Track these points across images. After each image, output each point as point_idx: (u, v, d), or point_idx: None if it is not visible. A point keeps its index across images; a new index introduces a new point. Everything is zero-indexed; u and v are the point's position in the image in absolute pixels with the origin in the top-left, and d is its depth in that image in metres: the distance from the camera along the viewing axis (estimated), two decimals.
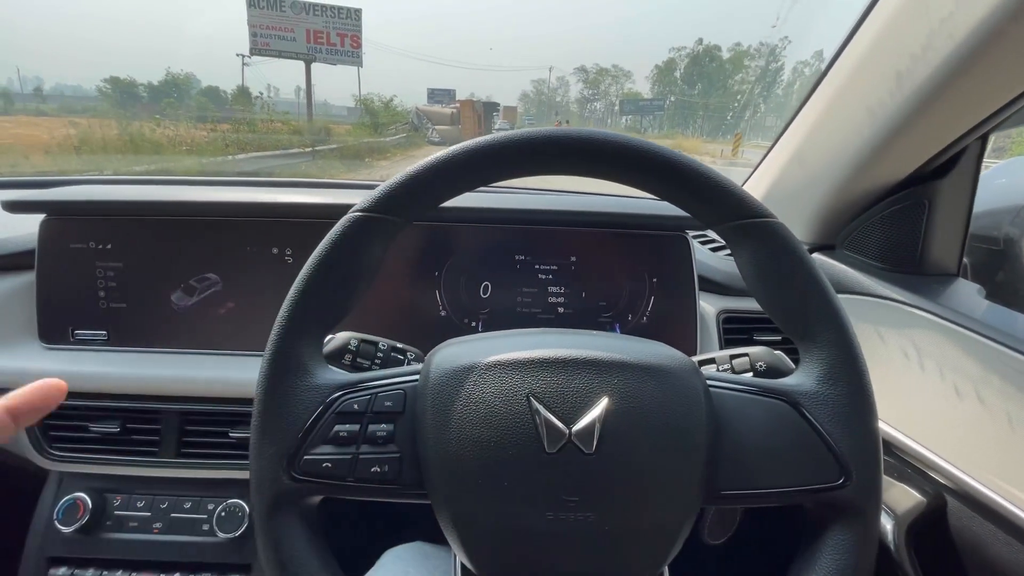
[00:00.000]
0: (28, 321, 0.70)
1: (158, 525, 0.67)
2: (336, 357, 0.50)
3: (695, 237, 0.72)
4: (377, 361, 0.51)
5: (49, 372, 0.67)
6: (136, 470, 0.67)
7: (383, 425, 0.40)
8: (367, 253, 0.42)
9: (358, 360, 0.50)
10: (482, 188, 0.45)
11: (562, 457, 0.35)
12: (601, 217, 0.67)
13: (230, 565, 0.66)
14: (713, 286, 0.74)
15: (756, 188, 0.81)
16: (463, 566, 0.45)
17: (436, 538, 0.66)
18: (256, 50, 16.32)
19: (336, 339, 0.49)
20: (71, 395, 0.67)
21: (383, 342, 0.51)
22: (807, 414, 0.38)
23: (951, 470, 0.55)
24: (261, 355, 0.70)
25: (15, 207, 0.67)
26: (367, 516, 0.88)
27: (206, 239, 0.69)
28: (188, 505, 0.67)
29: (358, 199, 0.70)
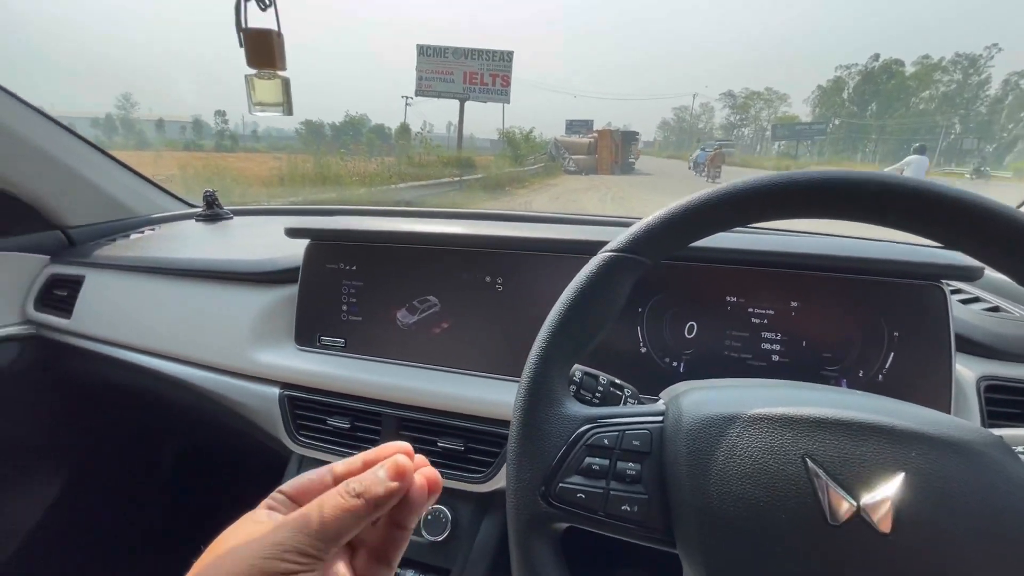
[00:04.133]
0: (288, 326, 0.86)
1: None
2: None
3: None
4: (598, 394, 0.51)
5: (300, 368, 0.81)
6: None
7: (631, 464, 0.40)
8: (616, 291, 0.44)
9: (581, 392, 0.52)
10: None
11: (848, 532, 0.32)
12: (840, 262, 0.61)
13: (432, 566, 0.71)
14: (970, 346, 0.62)
15: None
16: None
17: None
18: (421, 92, 18.45)
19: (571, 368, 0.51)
20: (315, 391, 0.79)
21: (603, 376, 0.52)
22: None
23: None
24: (470, 374, 0.75)
25: (293, 233, 0.83)
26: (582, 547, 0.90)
27: (430, 265, 0.78)
28: None
29: (565, 233, 0.73)
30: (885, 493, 0.32)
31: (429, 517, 0.71)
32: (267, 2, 0.43)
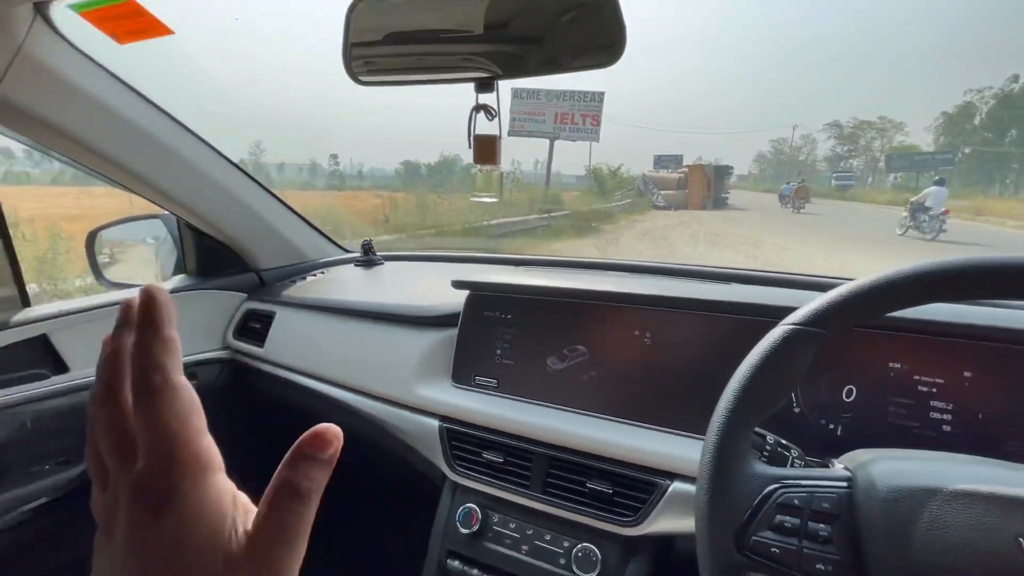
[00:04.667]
0: (446, 365, 0.97)
1: (526, 547, 0.81)
2: None
3: None
4: (765, 453, 0.55)
5: (456, 404, 0.91)
6: (511, 496, 0.84)
7: (822, 525, 0.44)
8: (798, 361, 0.48)
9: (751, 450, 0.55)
10: None
11: None
12: (1018, 335, 0.60)
13: None
14: None
15: None
16: None
17: None
18: (513, 132, 19.34)
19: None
20: (471, 425, 0.89)
21: (770, 436, 0.55)
22: None
23: None
24: (616, 420, 0.80)
25: (459, 285, 0.95)
26: None
27: (580, 318, 0.86)
28: (548, 537, 0.81)
29: (705, 294, 0.77)
30: None
31: (579, 554, 0.77)
32: (494, 113, 0.54)
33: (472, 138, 0.56)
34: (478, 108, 0.56)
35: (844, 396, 0.68)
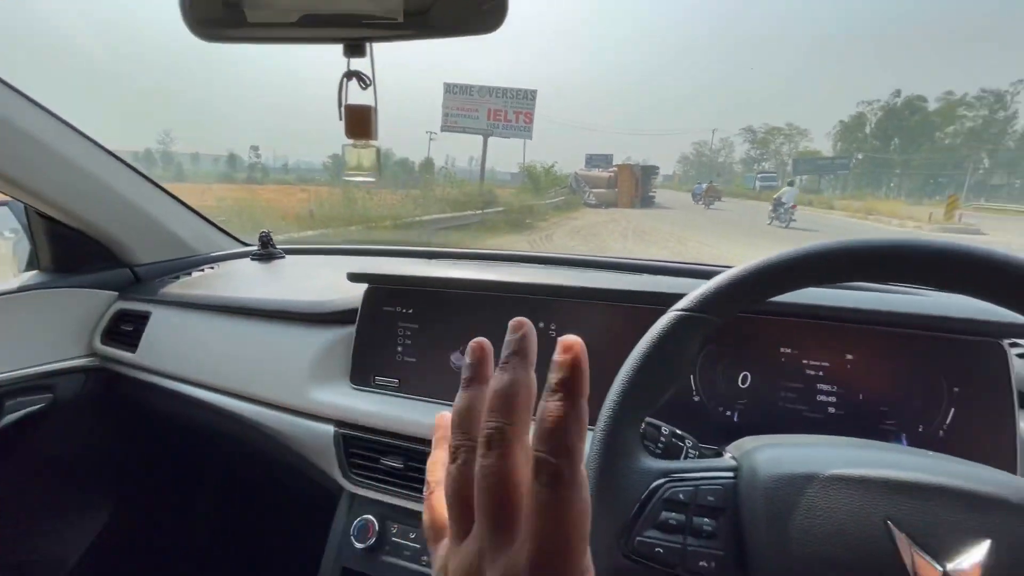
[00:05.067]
0: (343, 365, 0.89)
1: (425, 558, 0.76)
2: None
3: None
4: (660, 444, 0.53)
5: (354, 408, 0.83)
6: (412, 504, 0.78)
7: (707, 520, 0.41)
8: (686, 348, 0.46)
9: (645, 441, 0.53)
10: None
11: None
12: (896, 318, 0.62)
13: None
14: None
15: None
16: None
17: None
18: (446, 128, 19.09)
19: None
20: (369, 430, 0.82)
21: (665, 427, 0.53)
22: None
23: None
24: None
25: (355, 278, 0.88)
26: None
27: (484, 310, 0.81)
28: None
29: (609, 283, 0.75)
30: (973, 560, 0.33)
31: None
32: (368, 81, 0.48)
33: (343, 109, 0.50)
34: (349, 75, 0.49)
35: (740, 383, 0.68)
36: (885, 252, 0.40)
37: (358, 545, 0.77)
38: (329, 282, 1.02)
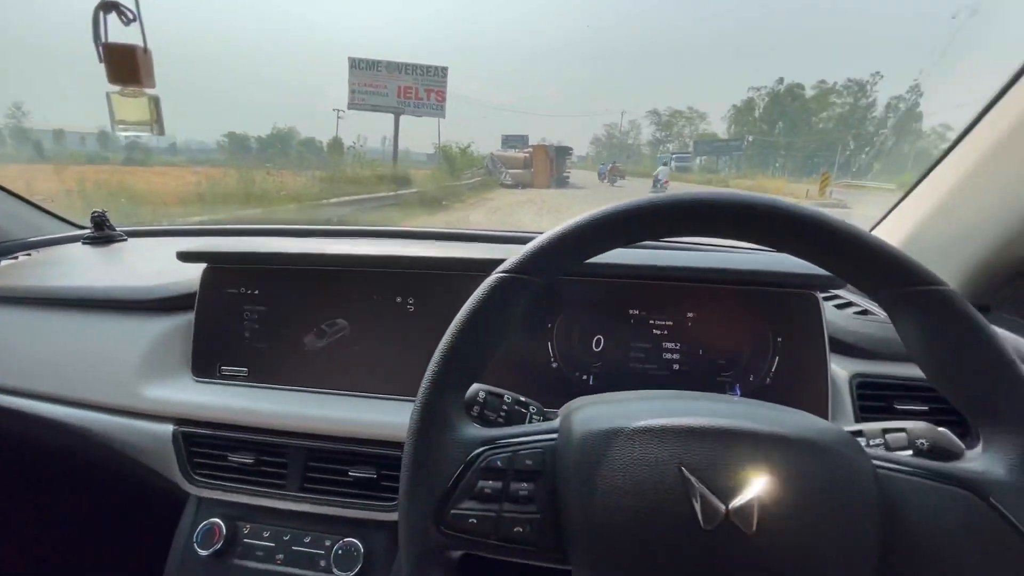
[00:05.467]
0: (184, 356, 0.79)
1: (280, 556, 0.70)
2: (467, 408, 0.51)
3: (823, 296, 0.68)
4: (502, 414, 0.51)
5: (197, 403, 0.75)
6: (265, 501, 0.72)
7: (524, 484, 0.40)
8: (509, 312, 0.44)
9: (485, 412, 0.51)
10: None
11: (720, 536, 0.34)
12: (724, 274, 0.65)
13: None
14: (843, 347, 0.69)
15: (889, 240, 0.76)
16: None
17: None
18: (353, 105, 18.07)
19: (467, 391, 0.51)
20: (215, 426, 0.74)
21: (507, 395, 0.52)
22: (1001, 508, 0.34)
23: None
24: (382, 397, 0.73)
25: (186, 257, 0.77)
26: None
27: (338, 287, 0.75)
28: (308, 540, 0.70)
29: (474, 251, 0.73)
30: (751, 495, 0.34)
31: (339, 552, 0.68)
32: (130, 16, 0.40)
33: (101, 48, 0.41)
34: (106, 6, 0.40)
35: (594, 346, 0.69)
36: (685, 206, 0.40)
37: (202, 552, 0.70)
38: (171, 265, 0.90)
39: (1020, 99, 0.54)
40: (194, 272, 0.80)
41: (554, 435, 0.43)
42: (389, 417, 0.69)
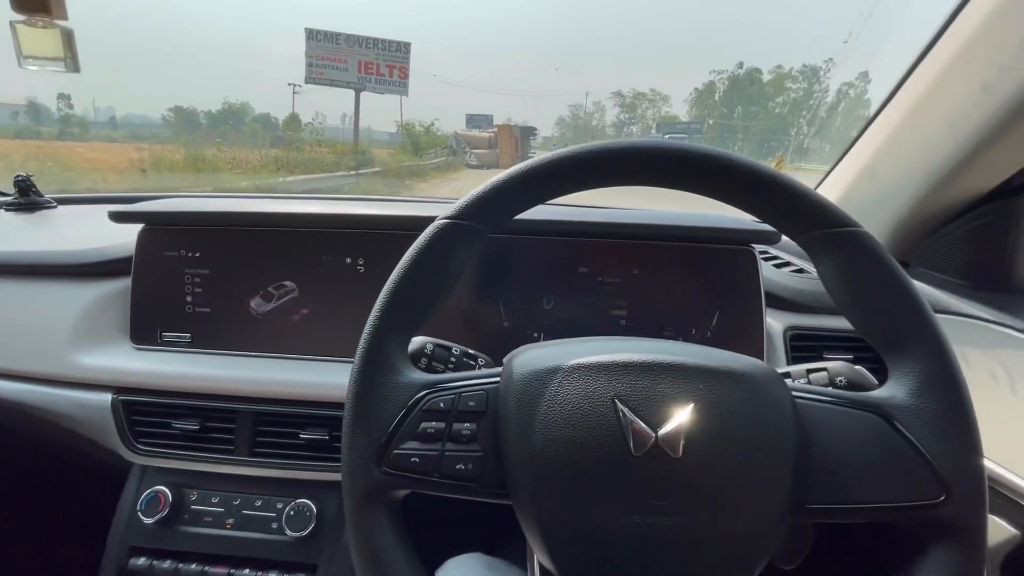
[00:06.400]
0: (122, 323, 0.76)
1: (231, 521, 0.69)
2: (413, 360, 0.52)
3: (759, 254, 0.71)
4: (451, 365, 0.52)
5: (137, 370, 0.72)
6: (212, 467, 0.70)
7: (467, 424, 0.41)
8: (452, 258, 0.44)
9: (433, 364, 0.52)
10: (549, 202, 0.47)
11: (649, 461, 0.35)
12: (665, 230, 0.67)
13: (297, 564, 0.67)
14: (779, 302, 0.72)
15: None
16: (542, 568, 0.45)
17: (495, 550, 0.66)
18: (311, 79, 17.32)
19: (414, 342, 0.51)
20: (157, 393, 0.72)
21: (456, 347, 0.53)
22: (901, 428, 0.37)
23: None
24: (333, 360, 0.73)
25: (119, 217, 0.73)
26: (425, 520, 0.89)
27: (285, 249, 0.73)
28: (259, 503, 0.70)
29: (426, 210, 0.73)
30: (678, 422, 0.36)
31: (291, 513, 0.68)
32: None
33: None
34: None
35: (544, 304, 0.70)
36: (625, 154, 0.41)
37: (147, 520, 0.68)
38: (111, 232, 0.85)
39: (938, 61, 0.57)
40: (131, 235, 0.76)
41: (496, 378, 0.43)
42: (340, 379, 0.69)
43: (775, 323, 0.71)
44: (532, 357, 0.42)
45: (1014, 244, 0.59)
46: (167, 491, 0.70)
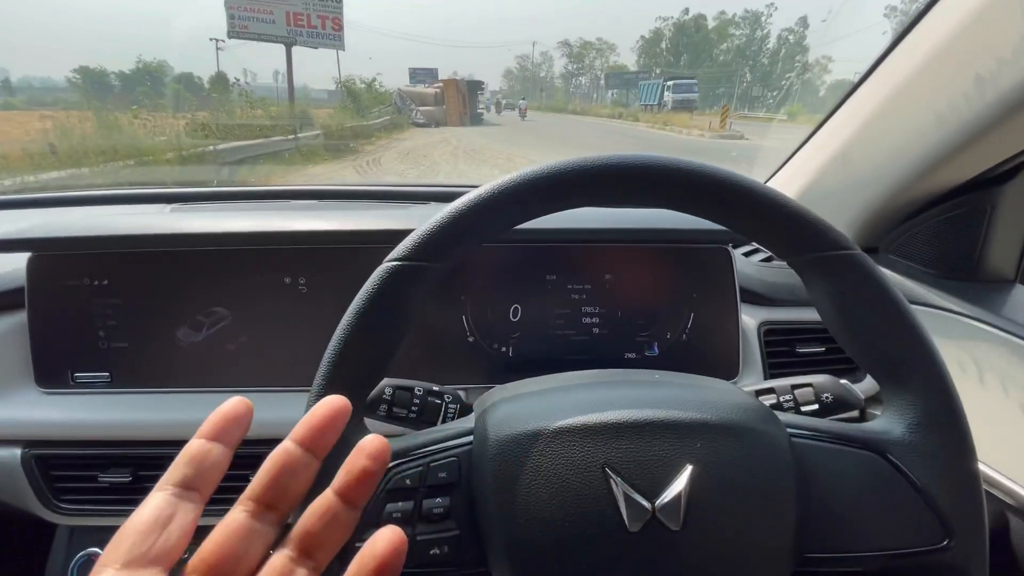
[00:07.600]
0: (23, 365, 0.65)
1: None
2: (372, 408, 0.46)
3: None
4: (414, 408, 0.47)
5: (49, 419, 0.63)
6: None
7: (438, 499, 0.36)
8: (406, 304, 0.38)
9: (394, 409, 0.46)
10: None
11: (647, 537, 0.32)
12: (638, 233, 0.62)
13: None
14: (752, 296, 0.70)
15: (789, 186, 0.77)
16: None
17: None
18: (234, 33, 15.80)
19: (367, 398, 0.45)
20: (76, 444, 0.63)
21: (418, 387, 0.47)
22: (901, 465, 0.35)
23: (1014, 488, 0.53)
24: (279, 390, 0.65)
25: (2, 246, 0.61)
26: None
27: (211, 270, 0.64)
28: None
29: (371, 220, 0.64)
30: (676, 490, 0.32)
31: None
32: None
33: None
34: None
35: (511, 316, 0.65)
36: (595, 172, 0.36)
37: None
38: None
39: (910, 53, 0.54)
40: (18, 261, 0.64)
41: (469, 438, 0.38)
42: (290, 412, 0.62)
43: (749, 319, 0.69)
44: (508, 415, 0.37)
45: (986, 235, 0.58)
46: (101, 553, 0.62)
